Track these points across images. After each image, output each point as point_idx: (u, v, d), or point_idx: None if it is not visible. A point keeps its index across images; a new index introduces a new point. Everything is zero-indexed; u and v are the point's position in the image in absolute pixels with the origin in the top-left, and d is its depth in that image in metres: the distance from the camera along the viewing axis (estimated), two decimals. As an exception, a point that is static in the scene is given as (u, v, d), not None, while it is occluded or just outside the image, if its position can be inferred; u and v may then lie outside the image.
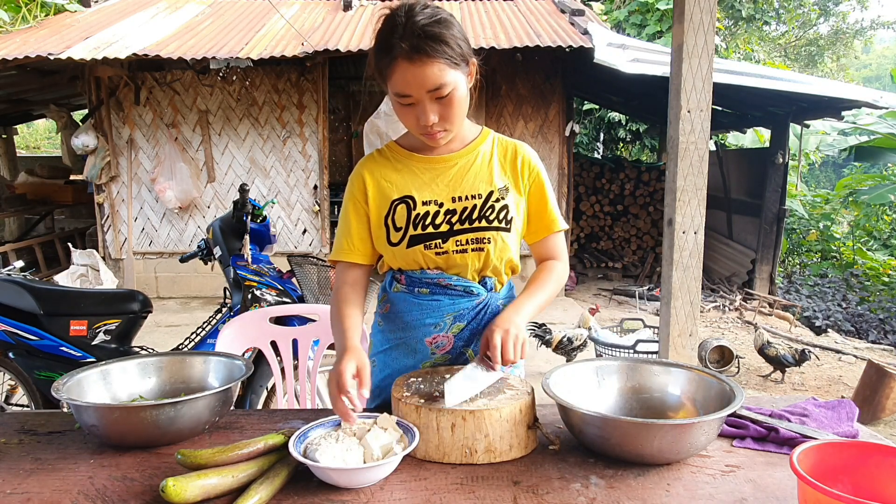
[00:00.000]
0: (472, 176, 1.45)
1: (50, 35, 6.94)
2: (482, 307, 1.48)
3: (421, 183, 1.45)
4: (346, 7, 8.09)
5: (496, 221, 1.44)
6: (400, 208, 1.43)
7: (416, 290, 1.48)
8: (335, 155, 9.83)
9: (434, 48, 1.26)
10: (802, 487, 0.93)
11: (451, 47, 1.29)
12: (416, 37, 1.26)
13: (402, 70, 1.28)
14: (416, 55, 1.26)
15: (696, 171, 2.55)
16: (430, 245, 1.43)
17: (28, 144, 18.76)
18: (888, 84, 21.18)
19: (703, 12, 2.46)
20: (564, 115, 7.07)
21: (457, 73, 1.31)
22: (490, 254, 1.44)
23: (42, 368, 2.80)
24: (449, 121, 1.35)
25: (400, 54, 1.27)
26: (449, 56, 1.28)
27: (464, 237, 1.43)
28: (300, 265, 3.80)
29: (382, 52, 1.30)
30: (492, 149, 1.50)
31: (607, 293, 7.59)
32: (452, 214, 1.43)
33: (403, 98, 1.31)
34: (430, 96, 1.30)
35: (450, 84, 1.30)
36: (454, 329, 1.48)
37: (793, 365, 4.54)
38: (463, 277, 1.47)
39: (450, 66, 1.29)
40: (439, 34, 1.27)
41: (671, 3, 8.11)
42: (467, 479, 1.14)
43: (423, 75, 1.27)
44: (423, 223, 1.42)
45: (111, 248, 7.10)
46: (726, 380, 1.29)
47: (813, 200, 10.83)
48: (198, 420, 1.29)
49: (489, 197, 1.44)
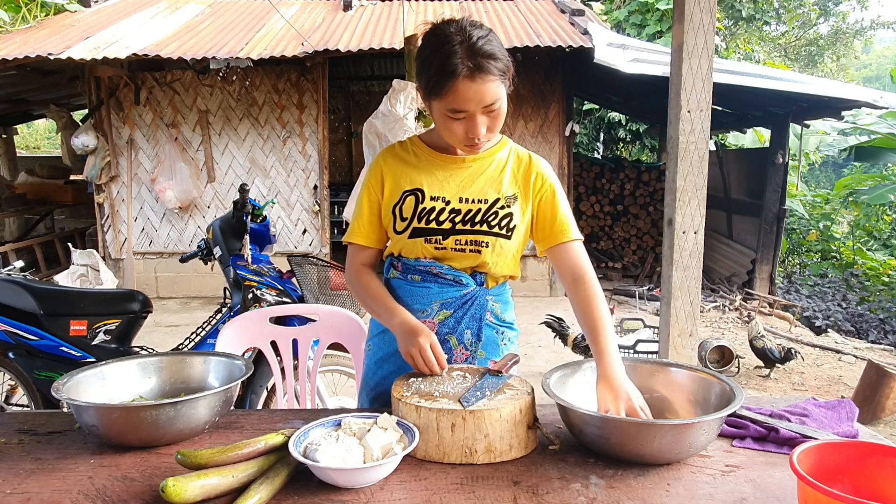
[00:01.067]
0: (483, 180, 1.50)
1: (50, 35, 6.94)
2: (469, 298, 1.53)
3: (433, 179, 1.50)
4: (346, 7, 8.09)
5: (497, 227, 1.48)
6: (409, 199, 1.49)
7: (409, 276, 1.54)
8: (335, 155, 9.84)
9: (493, 66, 1.33)
10: (802, 487, 0.93)
11: (503, 62, 1.36)
12: (478, 56, 1.32)
13: (463, 88, 1.33)
14: (479, 73, 1.32)
15: (696, 171, 2.55)
16: (431, 240, 1.49)
17: (28, 144, 18.75)
18: (888, 84, 21.17)
19: (703, 12, 2.46)
20: (564, 115, 7.07)
21: (504, 85, 1.38)
22: (486, 257, 1.49)
23: (42, 368, 2.80)
24: (493, 131, 1.42)
25: (462, 74, 1.32)
26: (501, 71, 1.35)
27: (463, 237, 1.48)
28: (300, 265, 3.80)
29: (441, 72, 1.33)
30: (507, 157, 1.54)
31: (607, 293, 7.58)
32: (457, 214, 1.48)
33: (458, 113, 1.37)
34: (485, 111, 1.36)
35: (502, 98, 1.37)
36: (440, 316, 1.53)
37: (778, 361, 4.59)
38: (455, 268, 1.51)
39: (502, 80, 1.36)
40: (495, 52, 1.34)
41: (671, 3, 8.11)
42: (467, 479, 1.14)
43: (484, 92, 1.33)
44: (427, 217, 1.48)
45: (111, 248, 7.09)
46: (726, 380, 1.29)
47: (813, 200, 10.82)
48: (198, 420, 1.29)
49: (495, 203, 1.48)
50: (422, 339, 1.39)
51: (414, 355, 1.38)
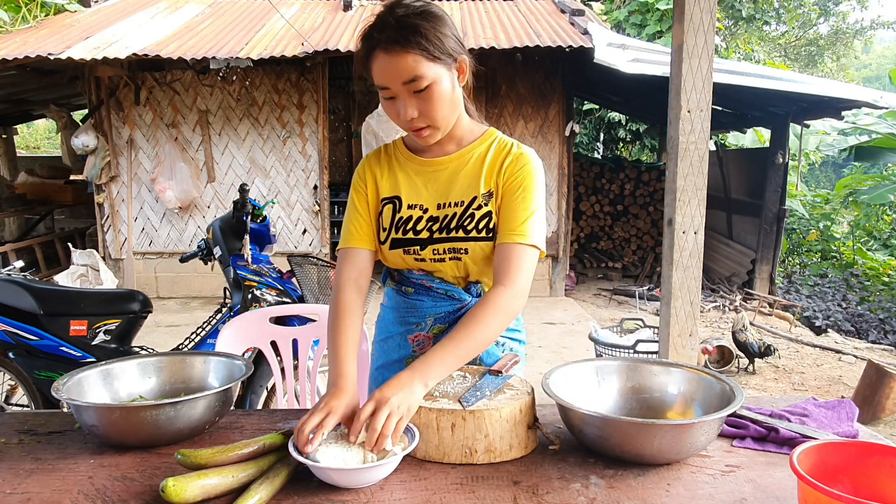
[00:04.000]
0: (459, 181, 1.42)
1: (50, 35, 6.94)
2: (463, 312, 1.46)
3: (411, 186, 1.44)
4: (346, 7, 8.09)
5: (474, 231, 1.39)
6: (387, 208, 1.44)
7: (403, 287, 1.51)
8: (335, 155, 9.83)
9: (408, 39, 1.24)
10: (802, 487, 0.93)
11: (430, 40, 1.26)
12: (391, 28, 1.25)
13: (379, 61, 1.27)
14: (392, 45, 1.25)
15: (696, 171, 2.55)
16: (409, 251, 1.43)
17: (28, 144, 18.76)
18: (888, 84, 21.17)
19: (703, 12, 2.46)
20: (564, 115, 7.07)
21: (438, 67, 1.28)
22: (467, 264, 1.42)
23: (42, 368, 2.80)
24: (430, 117, 1.31)
25: (376, 45, 1.27)
26: (425, 48, 1.25)
27: (441, 246, 1.41)
28: (300, 265, 3.79)
29: (363, 44, 1.30)
30: (487, 151, 1.43)
31: (607, 293, 7.58)
32: (434, 222, 1.41)
33: (384, 91, 1.31)
34: (407, 89, 1.28)
35: (427, 78, 1.26)
36: (434, 330, 1.49)
37: (756, 356, 4.71)
38: (446, 281, 1.47)
39: (427, 58, 1.26)
40: (416, 25, 1.25)
41: (671, 3, 8.11)
42: (467, 479, 1.14)
43: (398, 65, 1.25)
44: (405, 227, 1.42)
45: (111, 248, 7.09)
46: (726, 380, 1.29)
47: (813, 200, 10.83)
48: (198, 420, 1.29)
49: (471, 204, 1.40)
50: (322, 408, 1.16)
51: (314, 412, 1.15)
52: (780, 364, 4.98)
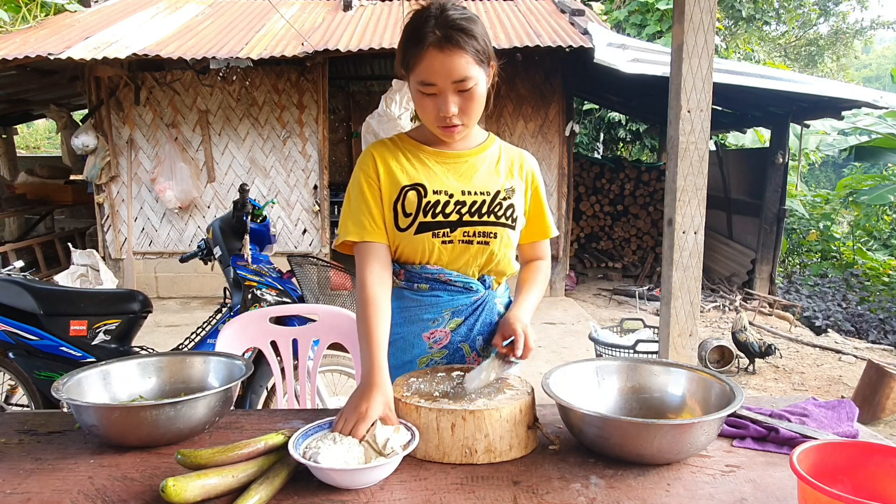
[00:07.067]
0: (480, 173, 1.49)
1: (50, 35, 6.94)
2: (480, 304, 1.52)
3: (432, 174, 1.47)
4: (346, 7, 8.09)
5: (504, 218, 1.48)
6: (411, 195, 1.44)
7: (415, 285, 1.50)
8: (335, 155, 9.83)
9: (465, 40, 1.32)
10: (802, 487, 0.93)
11: (479, 43, 1.35)
12: (448, 27, 1.32)
13: (430, 58, 1.33)
14: (447, 44, 1.32)
15: (696, 171, 2.55)
16: (438, 233, 1.44)
17: (28, 144, 18.75)
18: (888, 84, 21.18)
19: (703, 12, 2.46)
20: (564, 115, 7.07)
21: (480, 70, 1.37)
22: (494, 249, 1.48)
23: (42, 368, 2.80)
24: (467, 115, 1.39)
25: (431, 43, 1.32)
26: (476, 51, 1.34)
27: (472, 229, 1.46)
28: (300, 265, 3.80)
29: (412, 41, 1.35)
30: (499, 153, 1.55)
31: (607, 293, 7.58)
32: (462, 206, 1.45)
33: (427, 87, 1.36)
34: (454, 87, 1.35)
35: (473, 78, 1.35)
36: (451, 325, 1.50)
37: (757, 356, 4.71)
38: (463, 274, 1.49)
39: (476, 61, 1.35)
40: (470, 29, 1.34)
41: (671, 3, 8.11)
42: (467, 479, 1.14)
43: (451, 64, 1.32)
44: (433, 211, 1.44)
45: (111, 248, 7.09)
46: (726, 380, 1.29)
47: (813, 200, 10.82)
48: (198, 420, 1.29)
49: (497, 195, 1.47)
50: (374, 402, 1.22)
51: (348, 416, 1.20)
52: (780, 364, 4.99)
